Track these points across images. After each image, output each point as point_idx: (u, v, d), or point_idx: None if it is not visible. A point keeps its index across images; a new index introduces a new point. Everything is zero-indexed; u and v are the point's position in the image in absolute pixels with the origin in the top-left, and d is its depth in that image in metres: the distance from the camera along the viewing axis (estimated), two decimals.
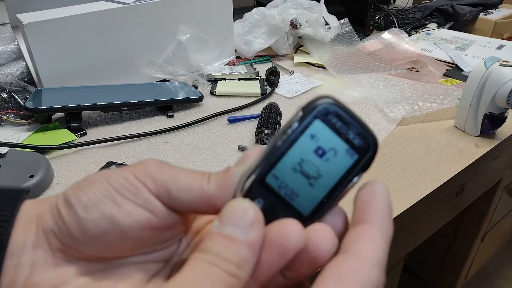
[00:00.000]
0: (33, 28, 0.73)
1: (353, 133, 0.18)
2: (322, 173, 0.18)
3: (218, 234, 0.16)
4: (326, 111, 0.18)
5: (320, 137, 0.17)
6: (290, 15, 1.02)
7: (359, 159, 0.18)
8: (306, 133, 0.17)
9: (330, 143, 0.18)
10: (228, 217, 0.16)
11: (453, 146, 0.71)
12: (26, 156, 0.63)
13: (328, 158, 0.18)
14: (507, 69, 0.67)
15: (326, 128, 0.17)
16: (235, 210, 0.16)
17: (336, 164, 0.18)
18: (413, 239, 0.75)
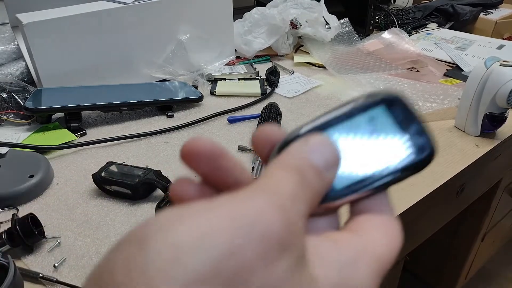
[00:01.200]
0: (33, 28, 0.73)
1: (414, 130, 0.17)
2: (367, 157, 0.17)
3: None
4: (393, 100, 0.17)
5: (379, 122, 0.17)
6: (290, 15, 1.02)
7: (411, 157, 0.17)
8: (366, 113, 0.17)
9: (386, 131, 0.17)
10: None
11: (453, 146, 0.71)
12: (26, 156, 0.63)
13: (378, 143, 0.17)
14: (507, 69, 0.67)
15: (388, 116, 0.17)
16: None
17: (387, 153, 0.17)
18: (413, 239, 0.75)
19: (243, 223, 0.12)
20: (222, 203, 0.13)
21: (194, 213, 0.13)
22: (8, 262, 0.41)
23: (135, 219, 0.54)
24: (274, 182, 0.14)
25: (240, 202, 0.13)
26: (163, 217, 0.13)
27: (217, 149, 0.16)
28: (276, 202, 0.13)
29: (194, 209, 0.13)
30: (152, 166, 0.60)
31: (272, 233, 0.12)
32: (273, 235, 0.12)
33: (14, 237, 0.47)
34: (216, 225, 0.12)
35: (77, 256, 0.48)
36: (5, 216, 0.54)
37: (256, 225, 0.12)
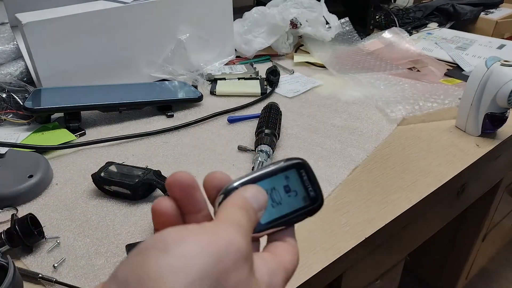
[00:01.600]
0: (32, 27, 0.73)
1: (311, 188, 0.25)
2: (283, 202, 0.25)
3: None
4: (301, 166, 0.25)
5: (291, 180, 0.25)
6: (290, 14, 1.02)
7: (308, 205, 0.25)
8: (284, 173, 0.25)
9: (295, 187, 0.25)
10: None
11: (454, 146, 0.71)
12: (25, 156, 0.63)
13: (290, 195, 0.25)
14: (508, 69, 0.66)
15: (297, 176, 0.25)
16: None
17: (294, 201, 0.25)
18: (414, 239, 0.75)
19: (223, 243, 0.19)
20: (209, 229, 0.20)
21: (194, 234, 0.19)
22: (7, 262, 0.41)
23: (135, 219, 0.54)
24: (234, 217, 0.21)
25: (220, 229, 0.20)
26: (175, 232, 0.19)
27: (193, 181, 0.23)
28: (241, 231, 0.20)
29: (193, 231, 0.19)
30: (151, 166, 0.60)
31: (242, 250, 0.19)
32: (242, 251, 0.19)
33: (13, 238, 0.47)
34: (209, 243, 0.19)
35: (77, 257, 0.48)
36: (5, 217, 0.54)
37: (232, 245, 0.19)
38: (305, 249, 0.50)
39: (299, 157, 0.25)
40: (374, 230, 0.53)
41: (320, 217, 0.55)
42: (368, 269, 0.66)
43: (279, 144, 0.70)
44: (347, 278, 0.59)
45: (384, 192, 0.59)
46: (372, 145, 0.71)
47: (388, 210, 0.56)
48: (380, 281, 0.73)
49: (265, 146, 0.64)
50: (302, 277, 0.46)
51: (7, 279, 0.39)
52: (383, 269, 0.72)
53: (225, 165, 0.65)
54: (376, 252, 0.61)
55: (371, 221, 0.54)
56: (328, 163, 0.66)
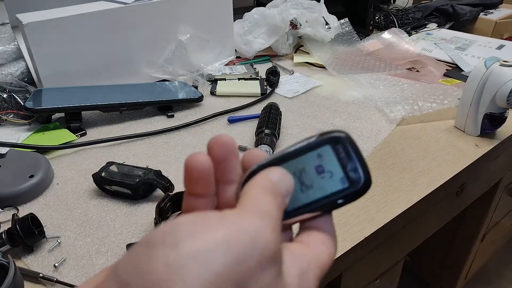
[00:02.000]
0: (33, 28, 0.73)
1: (351, 167, 0.21)
2: (314, 186, 0.21)
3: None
4: (338, 140, 0.21)
5: (325, 158, 0.21)
6: (290, 15, 1.02)
7: (348, 188, 0.21)
8: (315, 151, 0.21)
9: (330, 166, 0.21)
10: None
11: (453, 146, 0.71)
12: (26, 156, 0.63)
13: (323, 176, 0.21)
14: (507, 69, 0.67)
15: (332, 153, 0.21)
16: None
17: (328, 184, 0.21)
18: (413, 239, 0.75)
19: (248, 239, 0.16)
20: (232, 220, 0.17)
21: (213, 225, 0.16)
22: (8, 262, 0.41)
23: (135, 219, 0.54)
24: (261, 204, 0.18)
25: (245, 221, 0.17)
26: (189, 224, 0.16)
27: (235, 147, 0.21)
28: (270, 223, 0.17)
29: (212, 222, 0.16)
30: (152, 166, 0.60)
31: (269, 248, 0.16)
32: (269, 249, 0.16)
33: (14, 237, 0.47)
34: (229, 238, 0.16)
35: (77, 256, 0.49)
36: (5, 216, 0.54)
37: (258, 242, 0.16)
38: None
39: (339, 130, 0.21)
40: (374, 230, 0.53)
41: None
42: (368, 269, 0.66)
43: (279, 144, 0.71)
44: (346, 278, 0.59)
45: (384, 192, 0.60)
46: (372, 145, 0.71)
47: (387, 210, 0.56)
48: (380, 281, 0.73)
49: (265, 146, 0.64)
50: None
51: (8, 278, 0.40)
52: (383, 269, 0.72)
53: None
54: (375, 252, 0.61)
55: (370, 221, 0.54)
56: None
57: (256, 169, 0.21)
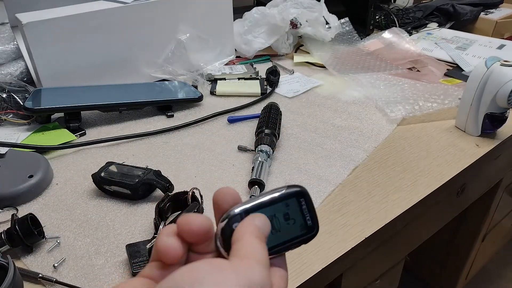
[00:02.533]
0: (32, 27, 0.73)
1: (309, 216, 0.26)
2: (282, 230, 0.25)
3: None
4: (302, 194, 0.26)
5: (291, 208, 0.26)
6: (290, 15, 1.02)
7: (304, 234, 0.26)
8: (285, 201, 0.25)
9: (294, 215, 0.26)
10: None
11: (454, 146, 0.71)
12: (26, 156, 0.63)
13: (289, 223, 0.26)
14: (507, 69, 0.66)
15: (296, 205, 0.26)
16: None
17: (292, 229, 0.26)
18: (414, 239, 0.75)
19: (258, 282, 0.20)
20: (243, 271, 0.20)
21: (229, 275, 0.20)
22: (7, 262, 0.41)
23: (135, 219, 0.54)
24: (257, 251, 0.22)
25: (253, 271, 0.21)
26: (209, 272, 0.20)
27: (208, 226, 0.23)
28: (266, 266, 0.22)
29: (227, 270, 0.20)
30: (151, 166, 0.60)
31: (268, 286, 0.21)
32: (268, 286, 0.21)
33: (13, 237, 0.47)
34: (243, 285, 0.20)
35: (77, 256, 0.48)
36: (5, 216, 0.54)
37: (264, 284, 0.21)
38: (305, 249, 0.50)
39: (299, 185, 0.26)
40: (374, 230, 0.53)
41: (320, 217, 0.54)
42: (368, 269, 0.66)
43: (279, 144, 0.70)
44: (347, 278, 0.59)
45: (384, 192, 0.60)
46: (372, 145, 0.71)
47: (388, 210, 0.56)
48: (380, 281, 0.73)
49: (265, 146, 0.64)
50: (302, 277, 0.46)
51: (7, 279, 0.40)
52: (383, 269, 0.72)
53: (225, 165, 0.65)
54: (376, 252, 0.61)
55: (371, 221, 0.54)
56: (328, 163, 0.66)
57: (236, 214, 0.24)
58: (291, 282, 0.46)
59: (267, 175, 0.61)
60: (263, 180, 0.57)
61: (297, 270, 0.47)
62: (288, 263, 0.47)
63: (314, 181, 0.61)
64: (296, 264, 0.48)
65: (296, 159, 0.67)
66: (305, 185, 0.59)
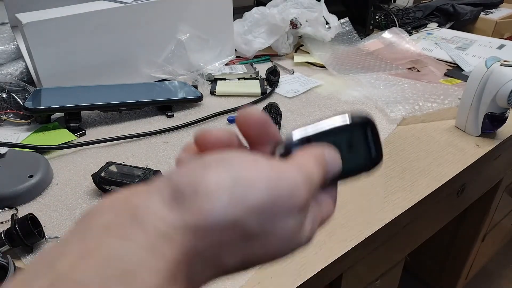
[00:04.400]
0: (33, 27, 0.73)
1: (374, 147, 0.25)
2: (344, 159, 0.24)
3: None
4: (367, 124, 0.24)
5: (355, 137, 0.24)
6: (290, 15, 1.02)
7: (367, 163, 0.25)
8: (350, 131, 0.24)
9: (359, 145, 0.24)
10: None
11: (454, 146, 0.71)
12: (26, 156, 0.63)
13: (352, 152, 0.24)
14: (507, 69, 0.66)
15: (361, 134, 0.24)
16: None
17: (353, 158, 0.24)
18: (414, 239, 0.75)
19: (287, 186, 0.18)
20: (278, 167, 0.19)
21: (261, 164, 0.19)
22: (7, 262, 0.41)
23: None
24: (308, 166, 0.20)
25: (289, 171, 0.19)
26: (242, 157, 0.19)
27: (266, 118, 0.23)
28: (308, 183, 0.20)
29: (261, 162, 0.19)
30: (151, 166, 0.60)
31: (300, 201, 0.19)
32: (300, 202, 0.19)
33: (13, 237, 0.47)
34: (271, 179, 0.18)
35: None
36: (5, 216, 0.54)
37: (294, 191, 0.19)
38: (305, 249, 0.50)
39: (366, 115, 0.24)
40: (374, 230, 0.53)
41: None
42: (368, 269, 0.66)
43: None
44: (347, 278, 0.59)
45: (384, 192, 0.59)
46: None
47: (388, 210, 0.56)
48: (380, 281, 0.73)
49: None
50: (302, 276, 0.46)
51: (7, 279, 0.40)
52: (383, 269, 0.72)
53: None
54: (376, 252, 0.61)
55: (371, 221, 0.54)
56: None
57: (303, 138, 0.23)
58: (291, 282, 0.46)
59: None
60: None
61: (297, 270, 0.47)
62: (288, 263, 0.47)
63: None
64: (296, 264, 0.48)
65: None
66: None
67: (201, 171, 0.18)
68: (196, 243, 0.17)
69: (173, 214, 0.17)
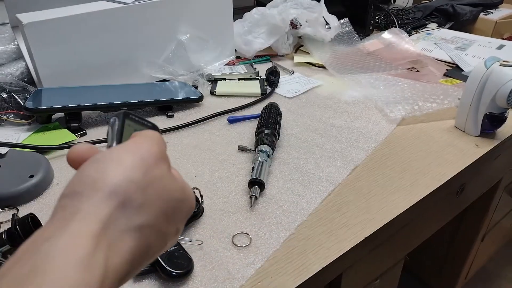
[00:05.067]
0: (33, 28, 0.73)
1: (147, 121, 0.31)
2: None
3: None
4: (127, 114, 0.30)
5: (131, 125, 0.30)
6: (290, 15, 1.02)
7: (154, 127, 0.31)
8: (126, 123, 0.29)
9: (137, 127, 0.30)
10: None
11: (453, 146, 0.71)
12: (26, 156, 0.63)
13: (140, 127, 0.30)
14: (507, 69, 0.67)
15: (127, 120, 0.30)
16: None
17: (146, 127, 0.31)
18: (413, 239, 0.75)
19: (145, 149, 0.25)
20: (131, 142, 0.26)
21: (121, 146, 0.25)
22: None
23: None
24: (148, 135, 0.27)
25: (141, 141, 0.26)
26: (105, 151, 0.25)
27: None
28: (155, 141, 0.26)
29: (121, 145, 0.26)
30: None
31: (157, 153, 0.26)
32: (157, 154, 0.26)
33: (14, 237, 0.47)
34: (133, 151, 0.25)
35: None
36: (5, 216, 0.54)
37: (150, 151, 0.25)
38: (305, 249, 0.50)
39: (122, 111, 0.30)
40: (374, 230, 0.53)
41: (320, 217, 0.55)
42: (368, 269, 0.66)
43: (279, 144, 0.71)
44: (346, 278, 0.59)
45: (384, 192, 0.60)
46: (372, 145, 0.71)
47: (387, 210, 0.56)
48: (380, 281, 0.73)
49: (265, 146, 0.64)
50: (302, 276, 0.46)
51: None
52: (383, 269, 0.72)
53: (225, 165, 0.65)
54: (375, 252, 0.61)
55: (370, 221, 0.54)
56: (328, 163, 0.66)
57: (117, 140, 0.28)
58: (291, 282, 0.46)
59: (267, 175, 0.61)
60: (263, 180, 0.57)
61: (296, 270, 0.47)
62: (288, 263, 0.47)
63: (314, 181, 0.61)
64: (295, 264, 0.48)
65: (296, 159, 0.67)
66: (305, 185, 0.60)
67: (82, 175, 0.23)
68: (106, 210, 0.22)
69: (77, 206, 0.22)
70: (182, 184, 0.27)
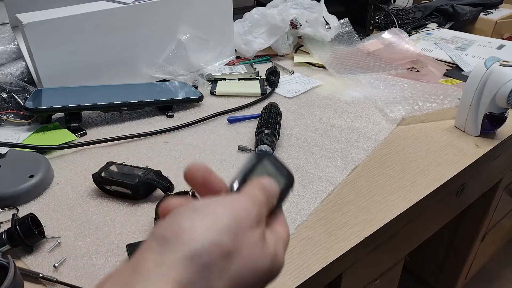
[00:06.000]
0: (33, 28, 0.73)
1: (284, 168, 0.30)
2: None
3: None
4: (267, 155, 0.30)
5: (266, 165, 0.30)
6: (290, 15, 1.02)
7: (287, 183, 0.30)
8: (260, 163, 0.29)
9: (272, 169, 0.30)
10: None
11: (453, 146, 0.71)
12: (26, 156, 0.63)
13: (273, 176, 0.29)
14: (507, 69, 0.67)
15: (269, 162, 0.30)
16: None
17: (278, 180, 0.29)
18: (413, 239, 0.75)
19: (240, 209, 0.24)
20: (228, 199, 0.25)
21: (217, 201, 0.24)
22: (8, 262, 0.41)
23: (135, 219, 0.54)
24: (251, 192, 0.26)
25: (238, 200, 0.25)
26: (200, 201, 0.24)
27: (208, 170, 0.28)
28: (255, 202, 0.25)
29: (217, 199, 0.25)
30: (152, 166, 0.60)
31: (252, 217, 0.24)
32: (252, 217, 0.24)
33: (14, 237, 0.47)
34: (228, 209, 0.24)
35: (77, 256, 0.48)
36: (5, 216, 0.54)
37: (246, 212, 0.24)
38: (305, 249, 0.50)
39: (263, 151, 0.29)
40: (374, 229, 0.53)
41: (320, 217, 0.55)
42: (368, 269, 0.66)
43: (279, 144, 0.71)
44: (346, 278, 0.59)
45: (384, 192, 0.60)
46: (372, 145, 0.71)
47: (387, 210, 0.56)
48: (380, 281, 0.73)
49: (265, 146, 0.64)
50: (302, 276, 0.46)
51: (7, 279, 0.40)
52: (383, 269, 0.72)
53: (225, 165, 0.65)
54: (375, 252, 0.61)
55: (370, 221, 0.54)
56: (328, 163, 0.66)
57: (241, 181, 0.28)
58: (291, 282, 0.46)
59: None
60: None
61: (296, 269, 0.47)
62: (288, 263, 0.47)
63: (314, 181, 0.61)
64: (295, 263, 0.48)
65: (296, 159, 0.67)
66: (305, 185, 0.60)
67: (174, 218, 0.23)
68: (186, 272, 0.21)
69: (162, 256, 0.21)
70: (274, 252, 0.25)
